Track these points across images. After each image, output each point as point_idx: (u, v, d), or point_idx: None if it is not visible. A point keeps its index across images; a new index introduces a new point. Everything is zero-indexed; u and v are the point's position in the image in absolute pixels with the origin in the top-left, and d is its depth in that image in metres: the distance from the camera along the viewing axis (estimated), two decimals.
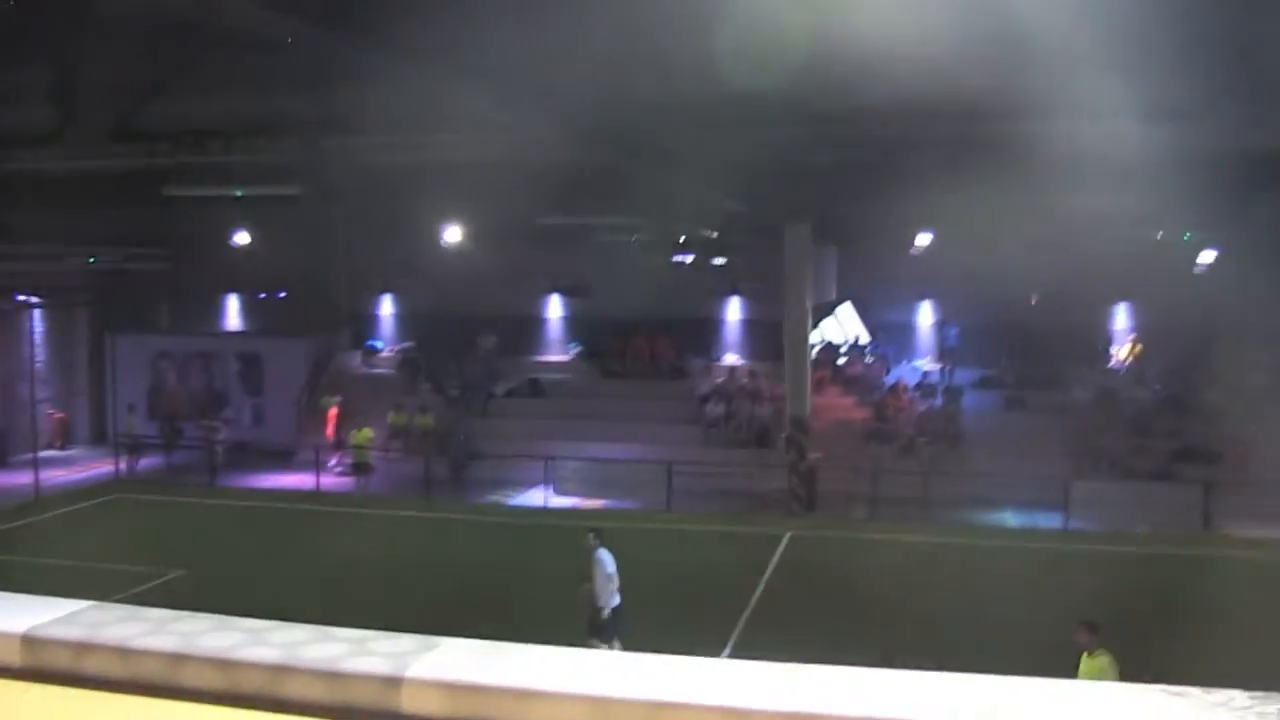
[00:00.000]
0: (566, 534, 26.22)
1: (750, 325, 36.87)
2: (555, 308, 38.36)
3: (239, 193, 22.11)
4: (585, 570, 17.70)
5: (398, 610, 18.78)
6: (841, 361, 35.65)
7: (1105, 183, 22.84)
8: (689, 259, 20.33)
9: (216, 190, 22.17)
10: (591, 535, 17.96)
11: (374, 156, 17.47)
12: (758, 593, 21.59)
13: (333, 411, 34.32)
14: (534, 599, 21.12)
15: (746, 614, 20.20)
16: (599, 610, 17.41)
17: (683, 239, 19.64)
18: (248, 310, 41.03)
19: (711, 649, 18.18)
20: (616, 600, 17.54)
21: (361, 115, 16.86)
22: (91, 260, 36.32)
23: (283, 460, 34.94)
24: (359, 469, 31.46)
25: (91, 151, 17.26)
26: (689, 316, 36.92)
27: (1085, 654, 12.89)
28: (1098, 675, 12.40)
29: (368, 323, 40.13)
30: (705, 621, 19.65)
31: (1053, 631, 14.43)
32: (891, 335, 36.33)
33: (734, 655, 17.98)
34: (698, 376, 35.37)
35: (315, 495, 30.70)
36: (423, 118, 16.50)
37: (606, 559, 17.54)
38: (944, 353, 35.31)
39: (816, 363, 33.49)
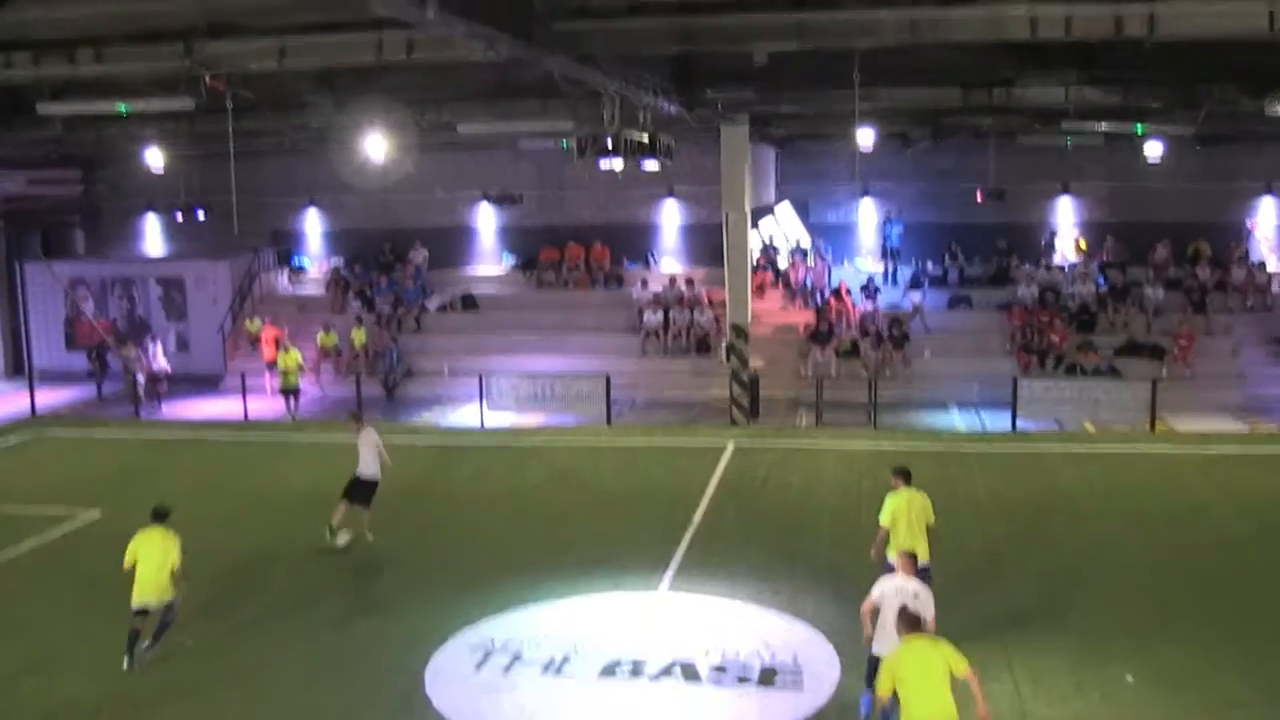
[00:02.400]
0: (499, 451, 25.57)
1: (688, 230, 36.10)
2: (486, 218, 37.29)
3: (123, 108, 20.72)
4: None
5: (308, 543, 18.10)
6: (782, 264, 34.96)
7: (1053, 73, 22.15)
8: (620, 163, 19.34)
9: (96, 107, 20.81)
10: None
11: (266, 62, 16.31)
12: (702, 507, 20.97)
13: (268, 332, 33.16)
14: (455, 521, 20.49)
15: (691, 530, 19.56)
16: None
17: (613, 142, 18.62)
18: (167, 232, 39.60)
19: (656, 567, 17.59)
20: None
21: (249, 14, 15.69)
22: None
23: (210, 387, 33.86)
24: (287, 393, 30.42)
25: None
26: (624, 222, 36.12)
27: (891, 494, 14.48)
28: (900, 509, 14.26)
29: (293, 240, 38.92)
30: (650, 538, 19.04)
31: (990, 541, 13.87)
32: (832, 235, 35.60)
33: (679, 573, 17.43)
34: (635, 285, 34.53)
35: (243, 424, 29.67)
36: (309, 15, 15.43)
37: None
38: (887, 252, 34.65)
39: (756, 266, 32.83)
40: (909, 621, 10.74)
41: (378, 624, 15.84)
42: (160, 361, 32.87)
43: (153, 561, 14.31)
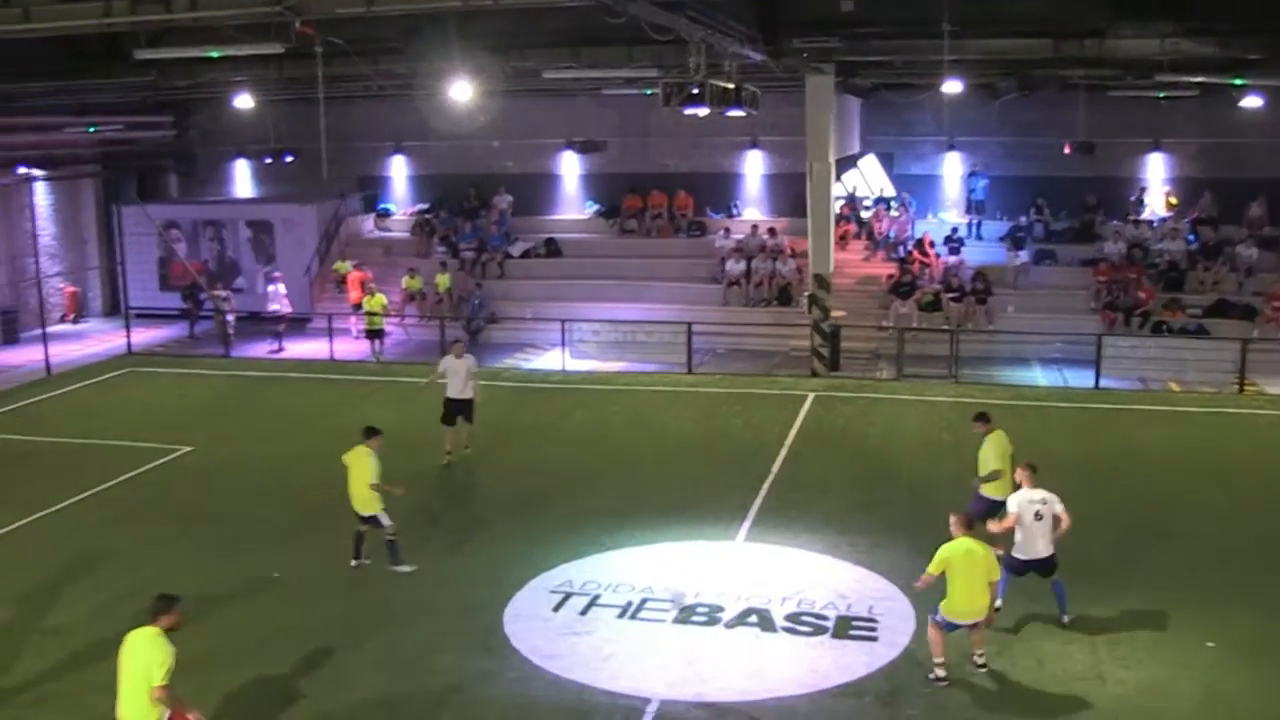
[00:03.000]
0: (581, 396, 25.79)
1: (771, 180, 35.95)
2: (570, 164, 37.38)
3: (215, 54, 21.04)
4: None
5: (389, 481, 18.41)
6: (866, 216, 34.75)
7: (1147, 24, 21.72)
8: (704, 111, 19.32)
9: (190, 52, 21.13)
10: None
11: (354, 7, 16.43)
12: (780, 457, 21.07)
13: (354, 275, 33.64)
14: (536, 465, 20.74)
15: (769, 480, 19.68)
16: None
17: (699, 90, 18.60)
18: (256, 176, 40.17)
19: (733, 516, 17.75)
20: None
21: None
22: (92, 129, 35.40)
23: (297, 328, 34.41)
24: (373, 335, 30.88)
25: (42, 13, 16.27)
26: (708, 171, 36.06)
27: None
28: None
29: (379, 185, 39.29)
30: (728, 487, 19.19)
31: (1069, 499, 13.83)
32: (916, 188, 35.28)
33: (756, 522, 17.57)
34: (717, 234, 34.50)
35: (329, 364, 30.18)
36: None
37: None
38: (971, 205, 34.30)
39: (840, 217, 32.68)
40: (964, 522, 12.56)
41: (459, 564, 16.16)
42: (282, 303, 33.28)
43: (355, 476, 15.70)
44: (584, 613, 14.52)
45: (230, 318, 32.74)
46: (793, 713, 12.05)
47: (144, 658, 9.60)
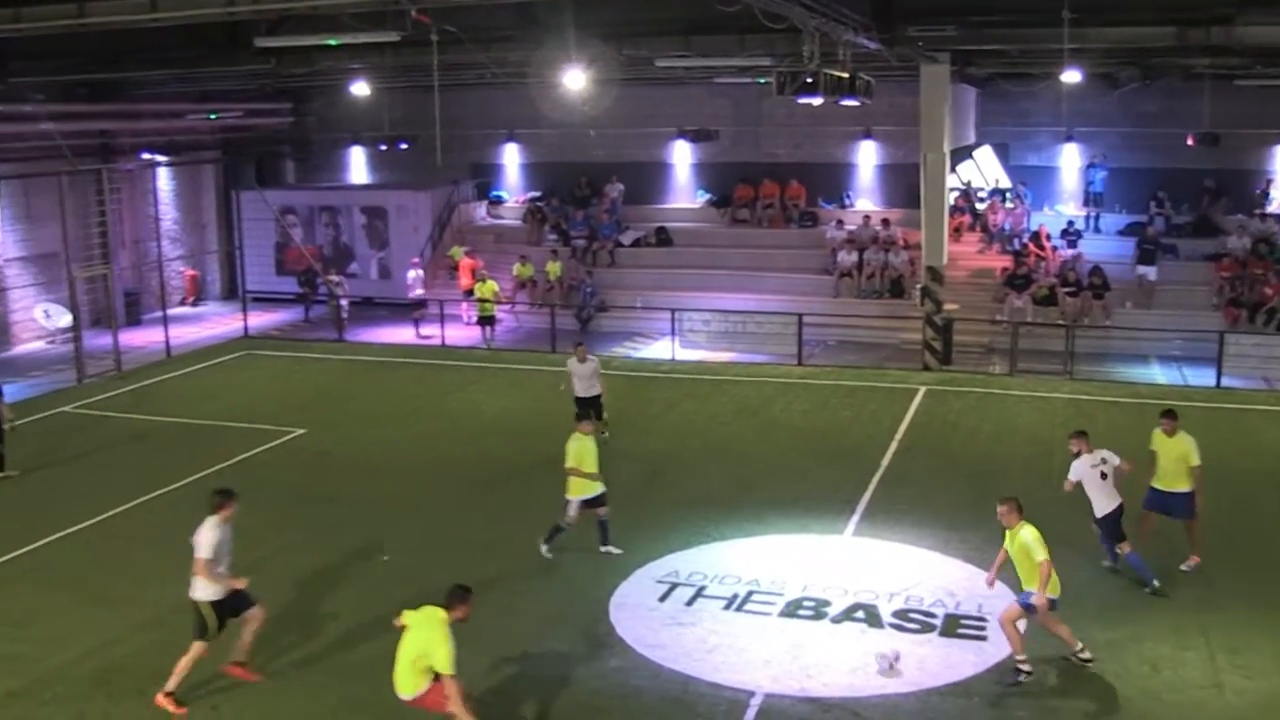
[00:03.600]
0: (690, 386, 25.74)
1: (884, 170, 35.56)
2: (682, 153, 37.31)
3: (333, 42, 21.35)
4: None
5: (499, 467, 18.48)
6: (980, 207, 34.23)
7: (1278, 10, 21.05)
8: (818, 100, 19.14)
9: (309, 40, 21.44)
10: None
11: None
12: (890, 451, 20.85)
13: (465, 262, 34.00)
14: (644, 454, 20.73)
15: (878, 474, 19.49)
16: None
17: (813, 79, 18.42)
18: (371, 162, 40.71)
19: (842, 509, 17.60)
20: None
21: None
22: (212, 116, 36.20)
23: (409, 314, 34.80)
24: (483, 322, 31.15)
25: (169, 3, 16.60)
26: (820, 161, 35.77)
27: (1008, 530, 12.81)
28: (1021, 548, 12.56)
29: (491, 173, 39.58)
30: (837, 480, 19.03)
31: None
32: (1033, 180, 34.64)
33: (864, 517, 17.41)
34: (829, 224, 34.22)
35: (440, 350, 30.49)
36: None
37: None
38: (1090, 198, 33.60)
39: (954, 209, 32.23)
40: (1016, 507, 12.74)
41: (566, 552, 16.19)
42: (422, 288, 33.66)
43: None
44: (690, 603, 14.49)
45: (344, 302, 33.24)
46: (898, 710, 11.90)
47: (426, 636, 10.41)
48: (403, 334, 32.81)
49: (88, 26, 17.11)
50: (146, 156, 35.18)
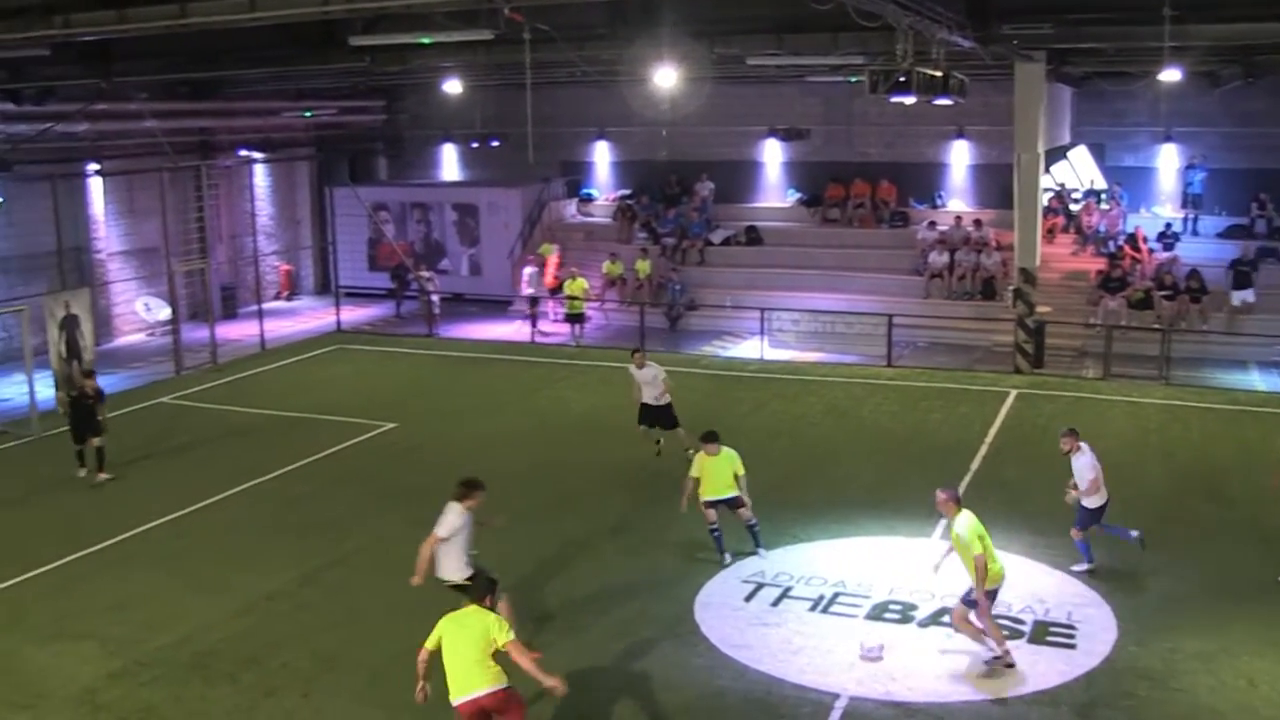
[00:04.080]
0: (778, 386, 25.67)
1: (977, 170, 35.18)
2: (772, 152, 37.19)
3: (426, 40, 21.56)
4: None
5: (587, 464, 18.52)
6: (1075, 209, 33.75)
7: None
8: (911, 99, 19.00)
9: (402, 38, 21.66)
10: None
11: None
12: (980, 454, 20.65)
13: (551, 260, 34.22)
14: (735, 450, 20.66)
15: (968, 477, 19.31)
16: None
17: (906, 78, 18.29)
18: (463, 160, 41.05)
19: (930, 513, 17.44)
20: None
21: None
22: (307, 114, 36.75)
23: (499, 310, 35.10)
24: (573, 319, 31.31)
25: (267, 2, 16.85)
26: (912, 161, 35.49)
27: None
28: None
29: (582, 170, 39.74)
30: (923, 484, 18.84)
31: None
32: (1129, 181, 34.08)
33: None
34: (921, 224, 33.95)
35: (529, 347, 30.69)
36: None
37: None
38: (1188, 199, 32.97)
39: (1047, 210, 31.82)
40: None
41: (652, 550, 16.25)
42: (531, 288, 33.64)
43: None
44: (775, 604, 14.48)
45: (435, 298, 33.60)
46: (983, 717, 11.80)
47: (480, 625, 10.27)
48: (493, 330, 33.06)
49: (188, 26, 17.39)
50: (244, 153, 35.80)
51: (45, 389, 24.64)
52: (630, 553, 16.17)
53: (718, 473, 15.69)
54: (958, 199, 35.46)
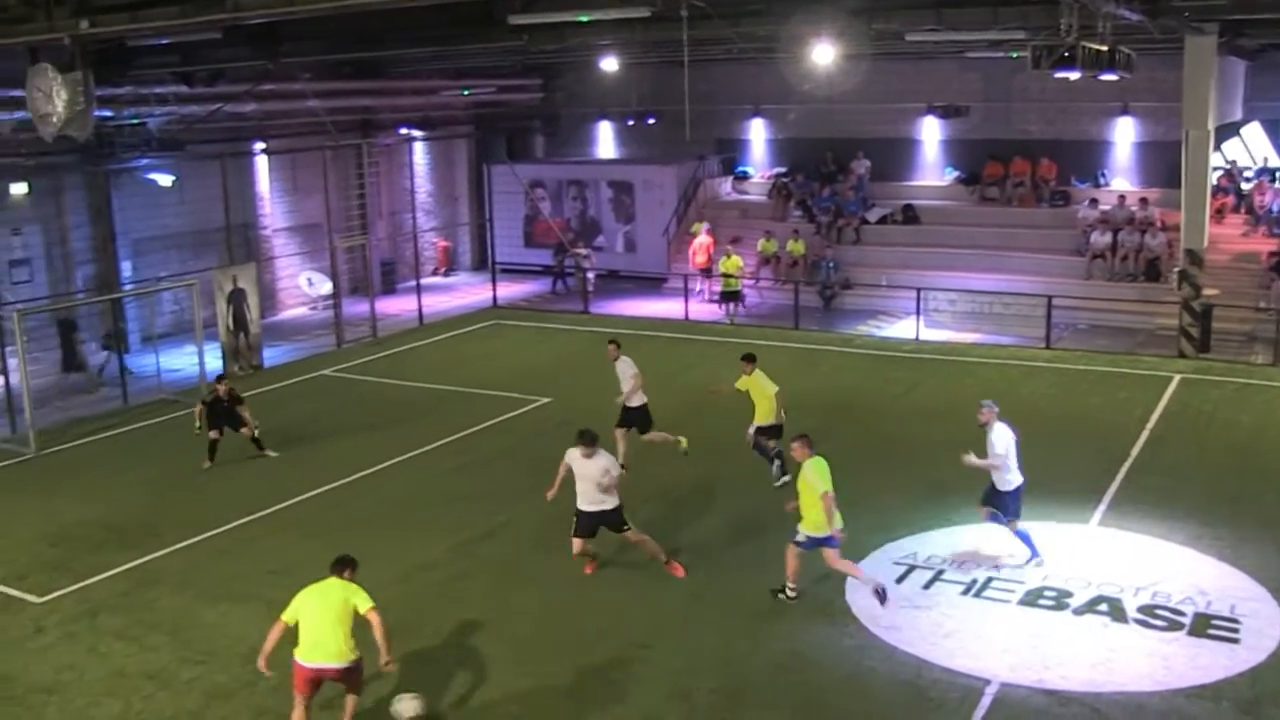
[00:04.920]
0: (933, 367, 25.33)
1: (1142, 148, 34.17)
2: (930, 130, 36.62)
3: (584, 18, 21.70)
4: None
5: (741, 445, 18.50)
6: (1246, 188, 32.61)
7: None
8: (1075, 75, 18.56)
9: (560, 17, 21.82)
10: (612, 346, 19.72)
11: None
12: (1141, 440, 20.10)
13: (700, 241, 34.22)
14: (886, 433, 20.48)
15: (1127, 464, 18.83)
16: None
17: (1070, 52, 17.87)
18: (618, 137, 41.24)
19: (1087, 498, 17.10)
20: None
21: None
22: (466, 92, 37.30)
23: (654, 287, 35.23)
24: (728, 297, 31.28)
25: None
26: (1074, 138, 34.61)
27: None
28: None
29: (737, 148, 39.63)
30: (1084, 468, 18.48)
31: None
32: None
33: (1111, 507, 16.88)
34: (1082, 204, 33.13)
35: (684, 324, 30.73)
36: None
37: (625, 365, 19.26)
38: None
39: (1217, 189, 30.78)
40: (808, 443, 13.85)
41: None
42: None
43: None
44: (927, 587, 14.33)
45: (591, 275, 33.87)
46: (1141, 710, 11.51)
47: (340, 597, 11.01)
48: (647, 306, 33.21)
49: (352, 8, 17.79)
50: (404, 131, 36.50)
51: (214, 360, 25.50)
52: (781, 531, 16.11)
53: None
54: (1122, 178, 34.50)
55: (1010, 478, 14.80)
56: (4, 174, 25.98)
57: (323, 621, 10.89)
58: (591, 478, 14.24)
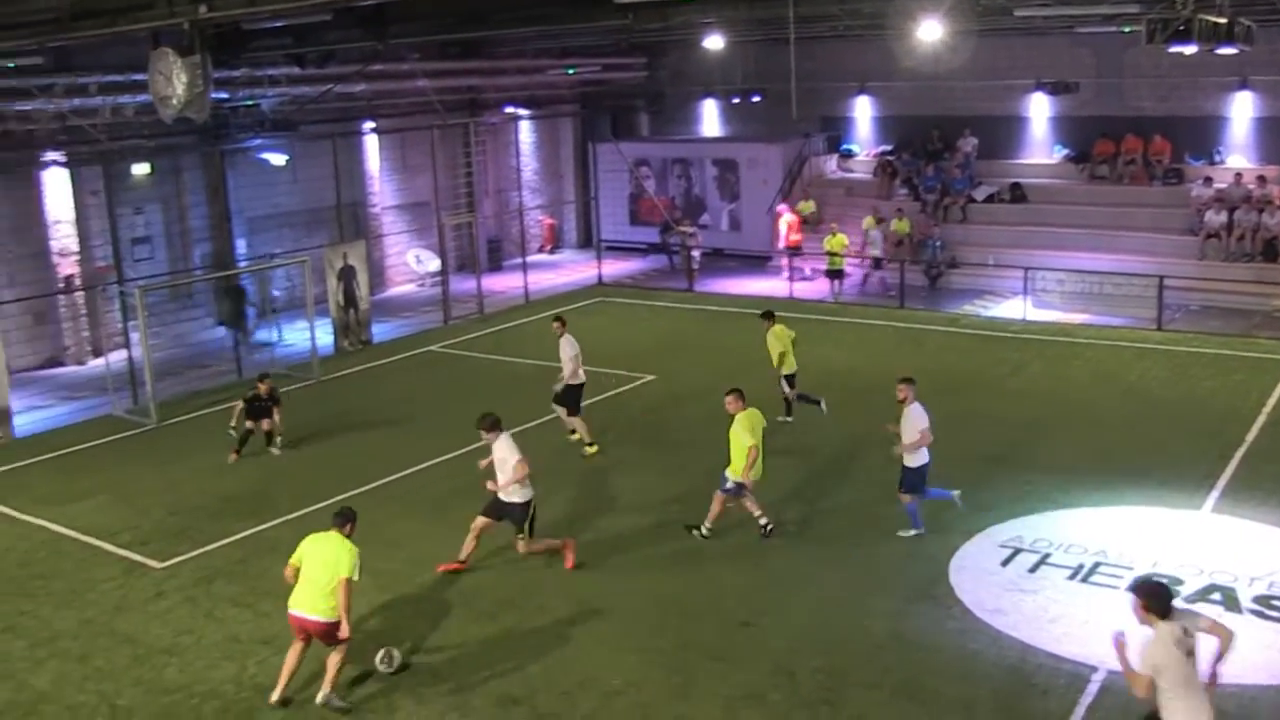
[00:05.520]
0: (1040, 347, 25.02)
1: (1261, 124, 33.32)
2: (1039, 106, 36.04)
3: None
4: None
5: (845, 424, 18.47)
6: None
7: None
8: (1191, 49, 18.18)
9: None
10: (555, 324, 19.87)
11: None
12: (1257, 426, 19.68)
13: (791, 220, 34.14)
14: (990, 415, 20.30)
15: (1242, 449, 18.47)
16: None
17: (1184, 26, 17.51)
18: (723, 115, 41.15)
19: (1200, 484, 16.83)
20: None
21: None
22: (571, 71, 37.48)
23: (758, 266, 35.16)
24: (832, 275, 31.14)
25: None
26: (1188, 115, 33.85)
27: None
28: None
29: (842, 126, 39.35)
30: (1196, 453, 18.18)
31: None
32: None
33: (1225, 494, 16.60)
34: (1196, 182, 32.43)
35: (787, 302, 30.66)
36: None
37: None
38: None
39: None
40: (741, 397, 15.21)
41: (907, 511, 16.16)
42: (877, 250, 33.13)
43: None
44: (1033, 570, 14.23)
45: (696, 253, 33.91)
46: (1254, 703, 11.33)
47: (332, 554, 11.51)
48: (752, 285, 33.21)
49: None
50: (510, 110, 36.74)
51: (325, 335, 26.01)
52: (885, 512, 16.10)
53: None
54: (1238, 154, 33.66)
55: (919, 455, 15.11)
56: (127, 155, 26.67)
57: (310, 572, 11.46)
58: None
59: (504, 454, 14.41)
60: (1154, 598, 8.95)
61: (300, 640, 11.68)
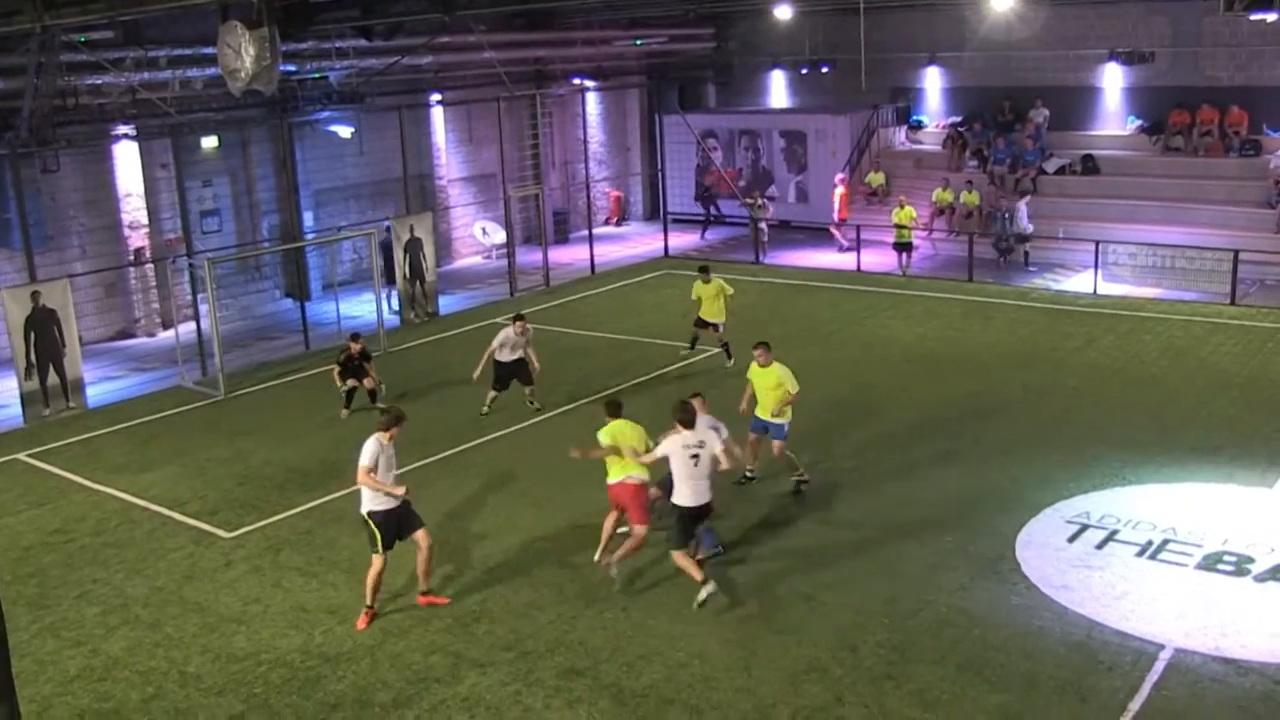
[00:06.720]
0: (1111, 322, 24.69)
1: None
2: (1112, 77, 35.47)
3: None
4: None
5: (913, 398, 18.32)
6: None
7: None
8: (1273, 16, 17.79)
9: None
10: None
11: None
12: None
13: (842, 192, 33.93)
14: (1060, 389, 20.07)
15: None
16: None
17: None
18: (791, 86, 40.88)
19: (1274, 462, 16.56)
20: None
21: None
22: (638, 43, 37.38)
23: (826, 237, 34.95)
24: (901, 248, 30.85)
25: None
26: (1267, 85, 33.17)
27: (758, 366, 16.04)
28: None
29: (911, 97, 38.96)
30: (1269, 431, 17.88)
31: None
32: None
33: None
34: (1274, 154, 31.81)
35: (855, 275, 30.46)
36: None
37: None
38: None
39: None
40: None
41: (974, 485, 16.04)
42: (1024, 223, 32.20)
43: None
44: (1100, 546, 14.06)
45: (764, 225, 33.76)
46: None
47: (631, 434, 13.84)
48: (819, 257, 33.02)
49: None
50: (576, 82, 36.74)
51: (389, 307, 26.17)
52: (952, 487, 15.98)
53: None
54: None
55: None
56: (196, 128, 26.96)
57: (632, 443, 13.66)
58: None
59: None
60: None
61: (614, 510, 13.96)
